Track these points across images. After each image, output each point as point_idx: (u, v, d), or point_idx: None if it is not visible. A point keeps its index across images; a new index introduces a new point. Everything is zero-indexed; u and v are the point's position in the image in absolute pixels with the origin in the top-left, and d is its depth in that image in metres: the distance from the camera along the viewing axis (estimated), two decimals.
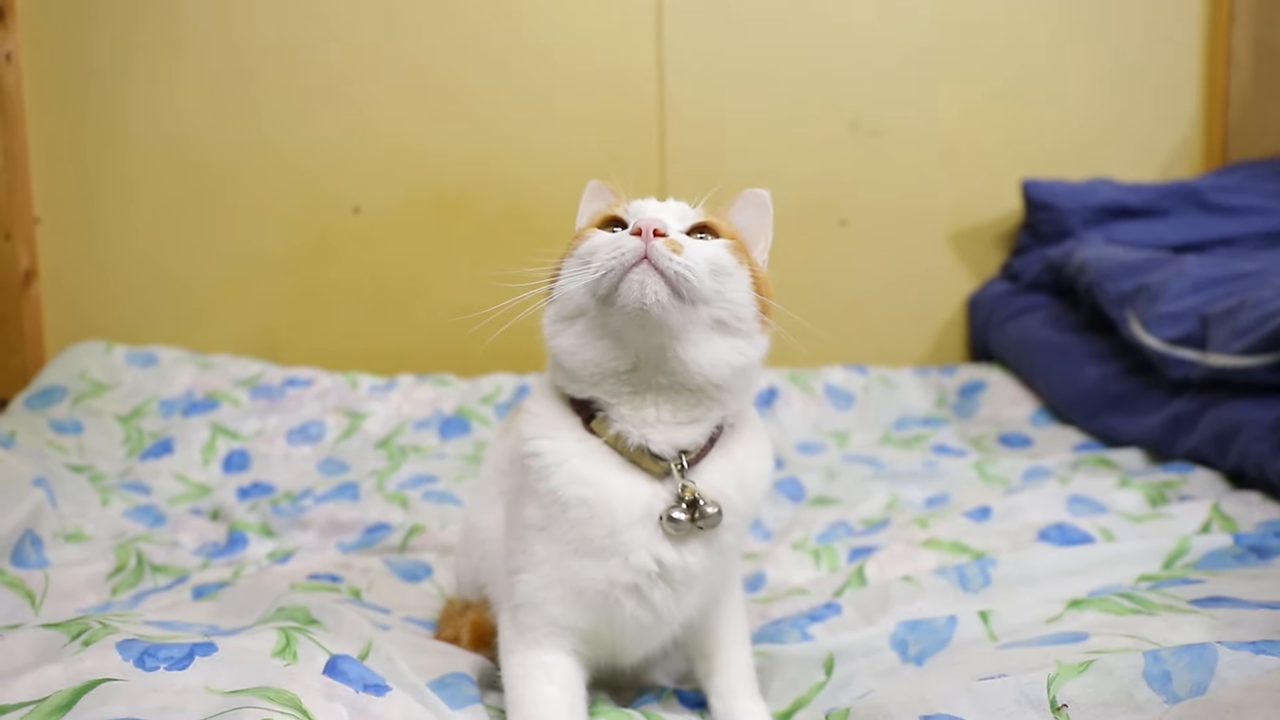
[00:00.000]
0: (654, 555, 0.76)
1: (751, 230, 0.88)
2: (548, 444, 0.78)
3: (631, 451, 0.77)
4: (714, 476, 0.79)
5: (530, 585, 0.78)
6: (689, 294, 0.72)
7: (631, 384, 0.77)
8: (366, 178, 2.24)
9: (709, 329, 0.75)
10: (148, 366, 2.05)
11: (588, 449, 0.77)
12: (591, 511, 0.75)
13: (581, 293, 0.75)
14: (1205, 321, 1.57)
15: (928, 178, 2.37)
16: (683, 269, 0.71)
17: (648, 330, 0.73)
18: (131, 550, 1.29)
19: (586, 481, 0.76)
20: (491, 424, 1.95)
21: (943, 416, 2.04)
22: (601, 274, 0.72)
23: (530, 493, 0.78)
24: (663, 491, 0.77)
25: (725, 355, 0.76)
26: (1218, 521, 1.24)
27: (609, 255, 0.72)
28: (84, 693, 0.64)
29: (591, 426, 0.79)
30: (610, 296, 0.72)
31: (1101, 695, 0.67)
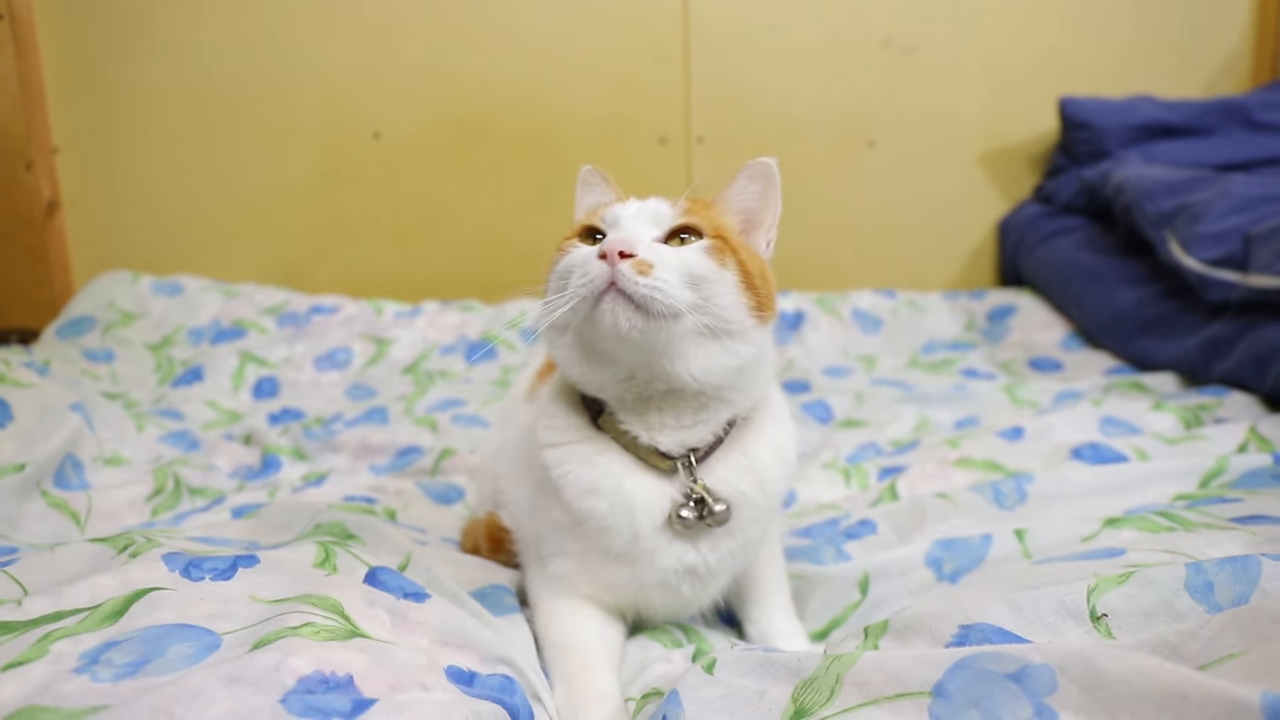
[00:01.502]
0: (677, 556, 0.76)
1: (756, 206, 0.82)
2: (555, 454, 0.78)
3: (639, 449, 0.77)
4: (726, 472, 0.77)
5: (561, 569, 0.80)
6: (664, 311, 0.68)
7: (632, 391, 0.75)
8: (386, 101, 2.20)
9: (697, 336, 0.71)
10: (174, 296, 2.06)
11: (596, 450, 0.77)
12: (605, 524, 0.75)
13: (566, 306, 0.72)
14: (1248, 241, 1.52)
15: (960, 97, 2.30)
16: (650, 290, 0.67)
17: (631, 350, 0.71)
18: (169, 473, 1.31)
19: (598, 492, 0.75)
20: (518, 349, 1.95)
21: (971, 341, 2.01)
22: (574, 303, 0.70)
23: (552, 494, 0.79)
24: (672, 489, 0.76)
25: (718, 359, 0.73)
26: (1255, 443, 1.22)
27: (579, 281, 0.69)
28: (135, 600, 0.65)
29: (599, 424, 0.78)
30: (588, 321, 0.70)
31: (1142, 605, 0.67)
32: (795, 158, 2.28)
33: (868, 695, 0.59)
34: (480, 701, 0.60)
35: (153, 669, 0.56)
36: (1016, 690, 0.55)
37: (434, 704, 0.56)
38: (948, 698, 0.57)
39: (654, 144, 2.25)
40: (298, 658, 0.56)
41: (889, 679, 0.59)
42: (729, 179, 0.83)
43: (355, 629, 0.64)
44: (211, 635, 0.62)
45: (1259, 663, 0.56)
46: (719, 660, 0.66)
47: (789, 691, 0.63)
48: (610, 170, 2.45)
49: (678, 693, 0.64)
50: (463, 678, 0.64)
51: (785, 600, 0.89)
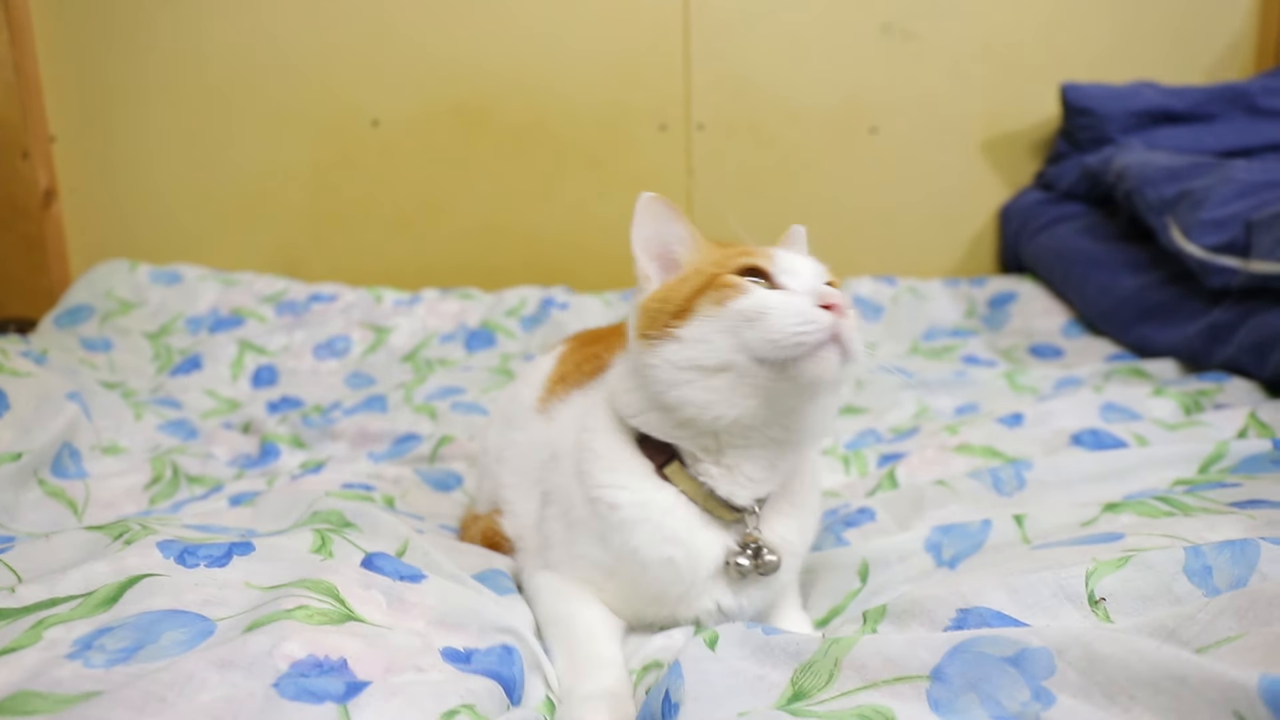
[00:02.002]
0: (715, 600, 0.77)
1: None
2: (625, 495, 0.76)
3: (710, 500, 0.76)
4: (776, 521, 0.79)
5: (586, 583, 0.80)
6: (857, 362, 0.71)
7: (746, 436, 0.75)
8: (384, 89, 2.19)
9: (837, 390, 0.75)
10: (172, 284, 2.06)
11: (666, 502, 0.76)
12: (676, 572, 0.75)
13: (728, 345, 0.70)
14: (1250, 227, 1.52)
15: (961, 83, 2.29)
16: (861, 343, 0.71)
17: (805, 397, 0.72)
18: (167, 462, 1.31)
19: (673, 540, 0.75)
20: (516, 336, 1.94)
21: (972, 328, 2.01)
22: (786, 347, 0.68)
23: (598, 537, 0.77)
24: (727, 538, 0.77)
25: (831, 410, 0.78)
26: (1255, 428, 1.22)
27: (798, 327, 0.68)
28: (129, 586, 0.65)
29: (665, 473, 0.77)
30: (786, 366, 0.69)
31: (1140, 589, 0.67)
32: (796, 145, 2.27)
33: (866, 679, 0.59)
34: (475, 678, 0.60)
35: (146, 655, 0.56)
36: (1014, 673, 0.55)
37: (428, 685, 0.56)
38: (946, 681, 0.57)
39: (654, 131, 2.24)
40: (291, 642, 0.56)
41: (887, 662, 0.59)
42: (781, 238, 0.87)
43: (350, 612, 0.64)
44: (205, 621, 0.61)
45: (1256, 646, 0.55)
46: (721, 638, 0.66)
47: (788, 675, 0.62)
48: (610, 158, 2.44)
49: (679, 665, 0.64)
50: (459, 657, 0.64)
51: (793, 591, 0.89)
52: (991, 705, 0.54)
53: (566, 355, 1.00)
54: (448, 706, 0.55)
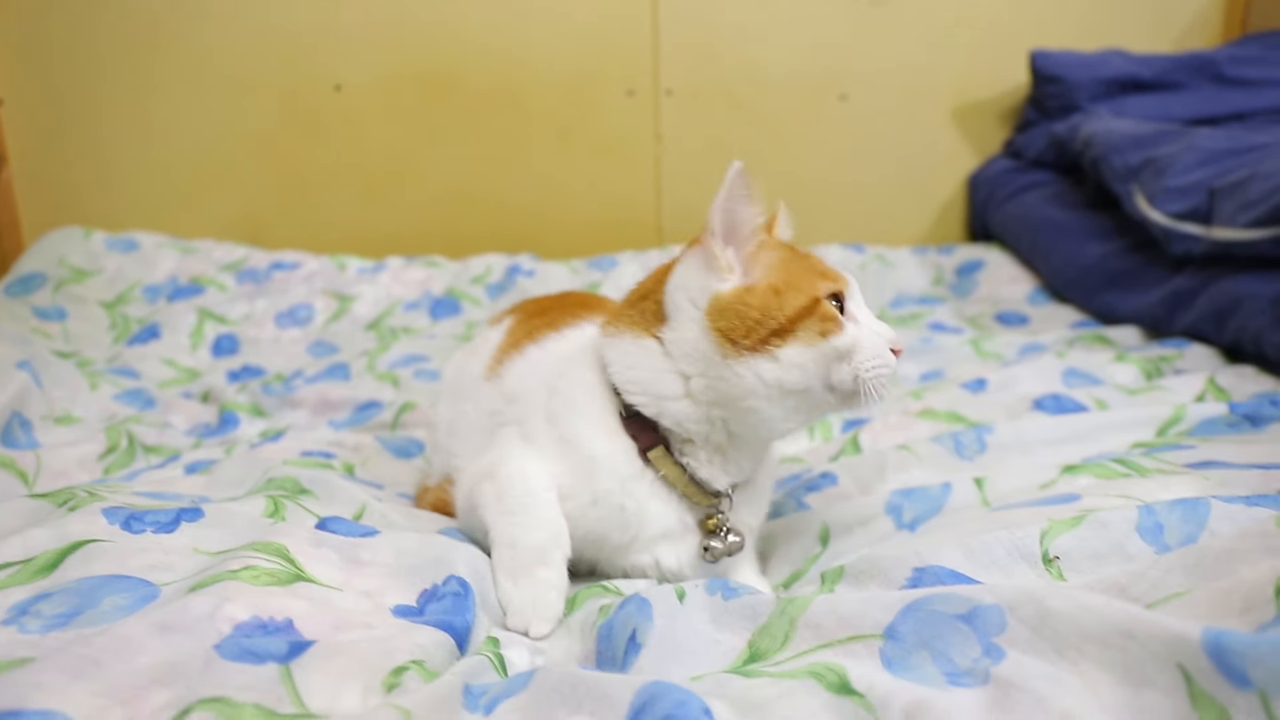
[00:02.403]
0: (655, 557, 0.79)
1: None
2: (602, 446, 0.77)
3: (690, 486, 0.78)
4: (741, 504, 0.82)
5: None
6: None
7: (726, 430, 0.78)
8: (347, 53, 2.14)
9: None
10: (129, 252, 2.01)
11: (643, 490, 0.77)
12: (623, 519, 0.77)
13: (815, 374, 0.73)
14: (1213, 194, 1.53)
15: (932, 50, 2.27)
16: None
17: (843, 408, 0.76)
18: (122, 431, 1.28)
19: (631, 495, 0.77)
20: (482, 304, 1.92)
21: (939, 295, 2.01)
22: (867, 383, 0.73)
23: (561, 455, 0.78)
24: (688, 517, 0.79)
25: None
26: (1212, 393, 1.24)
27: (878, 370, 0.73)
28: (69, 553, 0.63)
29: (650, 456, 0.78)
30: (851, 396, 0.74)
31: (1093, 547, 0.67)
32: (765, 112, 2.25)
33: (821, 638, 0.59)
34: (425, 631, 0.59)
35: (84, 620, 0.55)
36: (966, 630, 0.55)
37: (376, 641, 0.55)
38: (899, 639, 0.57)
39: (621, 96, 2.21)
40: (234, 603, 0.54)
41: (841, 622, 0.59)
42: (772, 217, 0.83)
43: (300, 572, 0.63)
44: (149, 586, 0.60)
45: (1202, 600, 0.56)
46: (688, 595, 0.66)
47: (745, 638, 0.62)
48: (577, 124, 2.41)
49: (651, 607, 0.64)
50: (410, 612, 0.63)
51: (754, 569, 0.89)
52: (943, 662, 0.54)
53: (514, 328, 0.99)
54: (396, 663, 0.54)
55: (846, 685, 0.52)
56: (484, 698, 0.55)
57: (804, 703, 0.52)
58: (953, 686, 0.52)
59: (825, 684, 0.53)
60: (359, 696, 0.51)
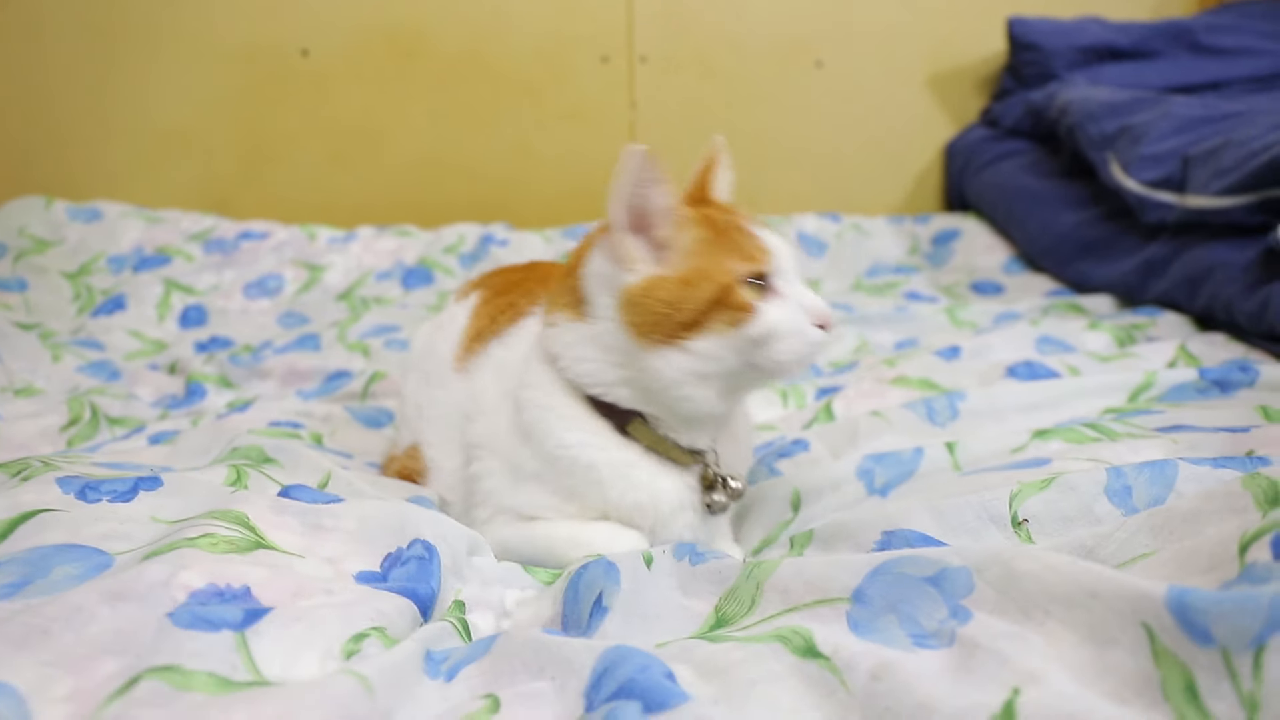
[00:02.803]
0: (680, 532, 0.78)
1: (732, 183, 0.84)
2: (601, 455, 0.75)
3: (673, 450, 0.77)
4: (726, 455, 0.81)
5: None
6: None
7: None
8: (313, 16, 2.09)
9: None
10: (92, 222, 1.96)
11: (631, 458, 0.76)
12: (642, 514, 0.76)
13: (730, 354, 0.71)
14: (1186, 162, 1.53)
15: (909, 15, 2.25)
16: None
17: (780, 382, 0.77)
18: (85, 403, 1.25)
19: (639, 487, 0.76)
20: (455, 274, 1.90)
21: (915, 265, 2.01)
22: (791, 367, 0.72)
23: (557, 490, 0.77)
24: (687, 478, 0.78)
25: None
26: (1184, 360, 1.24)
27: (800, 351, 0.71)
28: (20, 522, 0.61)
29: (629, 430, 0.76)
30: (777, 373, 0.73)
31: (1062, 510, 0.67)
32: (741, 78, 2.23)
33: (788, 602, 0.58)
34: (387, 597, 0.58)
35: (34, 590, 0.53)
36: (934, 593, 0.55)
37: (336, 607, 0.54)
38: (866, 602, 0.56)
39: (595, 62, 2.17)
40: (189, 571, 0.53)
41: (808, 585, 0.59)
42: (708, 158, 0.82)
43: (261, 539, 0.61)
44: (103, 555, 0.58)
45: (1168, 560, 0.56)
46: (655, 561, 0.66)
47: (712, 603, 0.62)
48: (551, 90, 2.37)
49: (618, 571, 0.63)
50: (374, 578, 0.62)
51: (728, 534, 0.88)
52: (910, 624, 0.54)
53: (480, 309, 0.96)
54: (356, 629, 0.53)
55: (812, 648, 0.52)
56: (445, 663, 0.54)
57: (769, 666, 0.52)
58: (919, 648, 0.51)
59: (791, 647, 0.53)
60: (317, 663, 0.50)
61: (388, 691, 0.47)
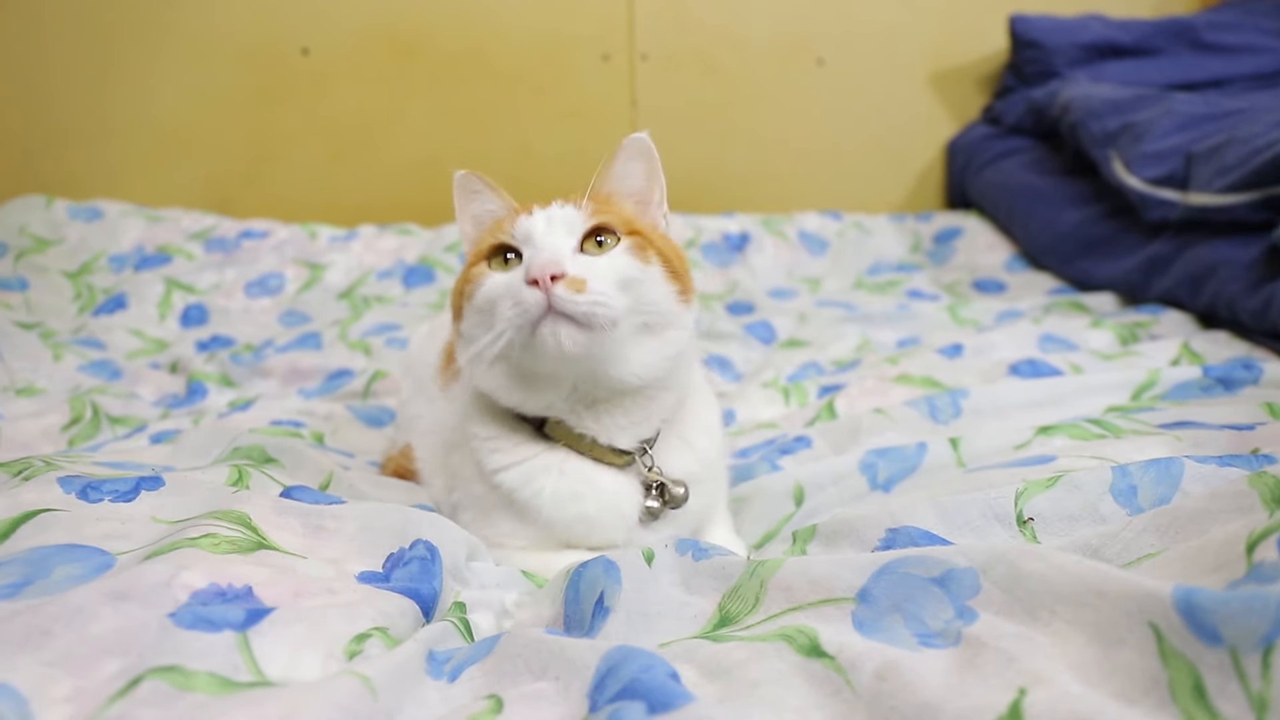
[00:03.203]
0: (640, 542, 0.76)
1: (643, 185, 0.79)
2: (516, 473, 0.75)
3: (595, 448, 0.75)
4: (671, 458, 0.77)
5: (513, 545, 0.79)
6: (605, 323, 0.67)
7: (577, 400, 0.74)
8: (313, 14, 2.09)
9: (635, 337, 0.71)
10: (93, 221, 1.96)
11: (556, 459, 0.75)
12: (590, 526, 0.75)
13: (497, 340, 0.69)
14: (1189, 159, 1.52)
15: (910, 13, 2.25)
16: (591, 307, 0.66)
17: (575, 365, 0.69)
18: (87, 402, 1.25)
19: (579, 496, 0.74)
20: (456, 272, 1.89)
21: (917, 263, 2.01)
22: (510, 335, 0.67)
23: (511, 516, 0.76)
24: (630, 481, 0.76)
25: (657, 352, 0.73)
26: (1187, 358, 1.24)
27: (510, 313, 0.67)
28: (22, 522, 0.61)
29: (546, 431, 0.76)
30: (526, 349, 0.68)
31: (1067, 509, 0.67)
32: (743, 76, 2.22)
33: (792, 601, 0.58)
34: (390, 598, 0.58)
35: (35, 590, 0.53)
36: (939, 593, 0.55)
37: (338, 608, 0.54)
38: (871, 602, 0.56)
39: (596, 61, 2.17)
40: (191, 571, 0.53)
41: (813, 584, 0.58)
42: (609, 158, 0.79)
43: (262, 539, 0.61)
44: (105, 555, 0.58)
45: (1174, 560, 0.56)
46: (657, 557, 0.65)
47: (715, 601, 0.62)
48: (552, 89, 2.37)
49: (619, 570, 0.63)
50: (376, 578, 0.62)
51: (728, 526, 0.88)
52: (915, 624, 0.53)
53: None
54: (358, 630, 0.52)
55: (817, 648, 0.52)
56: (448, 664, 0.54)
57: (773, 665, 0.51)
58: (924, 648, 0.51)
59: (795, 646, 0.52)
60: (319, 664, 0.50)
61: (391, 692, 0.47)
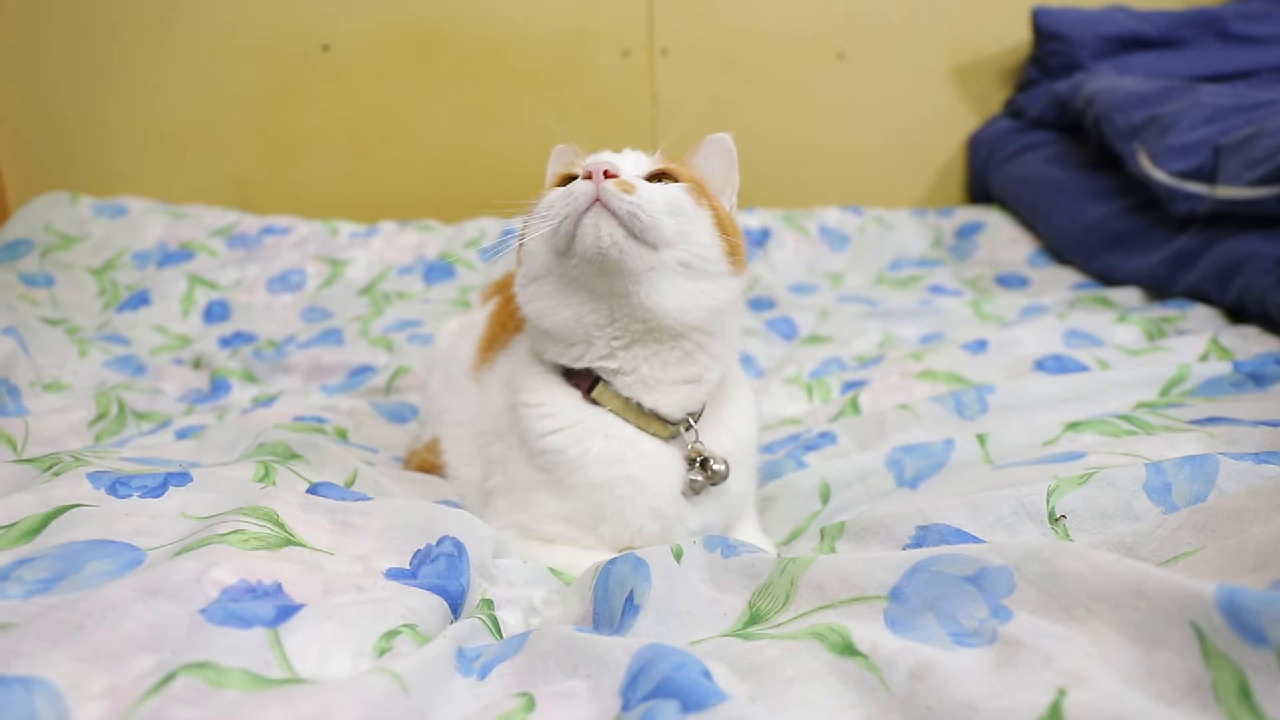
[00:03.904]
0: (680, 519, 0.77)
1: (717, 178, 0.84)
2: (564, 436, 0.76)
3: (641, 416, 0.77)
4: (711, 438, 0.79)
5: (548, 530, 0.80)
6: (644, 234, 0.70)
7: (615, 336, 0.75)
8: (333, 11, 2.09)
9: (674, 273, 0.73)
10: (117, 218, 1.97)
11: (602, 421, 0.77)
12: (636, 487, 0.75)
13: (544, 250, 0.74)
14: (1218, 152, 1.50)
15: (931, 7, 2.23)
16: (634, 208, 0.69)
17: (609, 275, 0.71)
18: (113, 398, 1.26)
19: (623, 458, 0.75)
20: (477, 269, 1.90)
21: (939, 258, 1.99)
22: (557, 222, 0.71)
23: (555, 490, 0.77)
24: (675, 455, 0.78)
25: (695, 298, 0.74)
26: (1215, 353, 1.22)
27: (563, 204, 0.71)
28: (54, 517, 0.61)
29: (593, 396, 0.77)
30: (569, 246, 0.71)
31: (1101, 506, 0.66)
32: (763, 71, 2.21)
33: (824, 599, 0.58)
34: (418, 594, 0.57)
35: (67, 585, 0.53)
36: (973, 592, 0.54)
37: (367, 604, 0.54)
38: (904, 601, 0.55)
39: (616, 56, 2.16)
40: (221, 567, 0.53)
41: (844, 583, 0.58)
42: (690, 150, 0.84)
43: (290, 536, 0.61)
44: (135, 551, 0.58)
45: (1212, 559, 0.55)
46: (686, 553, 0.65)
47: (745, 599, 0.61)
48: (571, 84, 2.37)
49: (648, 567, 0.62)
50: (404, 574, 0.61)
51: (754, 522, 0.88)
52: (949, 623, 0.53)
53: (495, 314, 0.99)
54: (388, 627, 0.52)
55: (850, 646, 0.51)
56: (478, 661, 0.54)
57: (806, 664, 0.51)
58: (959, 647, 0.50)
59: (828, 645, 0.52)
60: (349, 660, 0.50)
61: (422, 689, 0.47)
